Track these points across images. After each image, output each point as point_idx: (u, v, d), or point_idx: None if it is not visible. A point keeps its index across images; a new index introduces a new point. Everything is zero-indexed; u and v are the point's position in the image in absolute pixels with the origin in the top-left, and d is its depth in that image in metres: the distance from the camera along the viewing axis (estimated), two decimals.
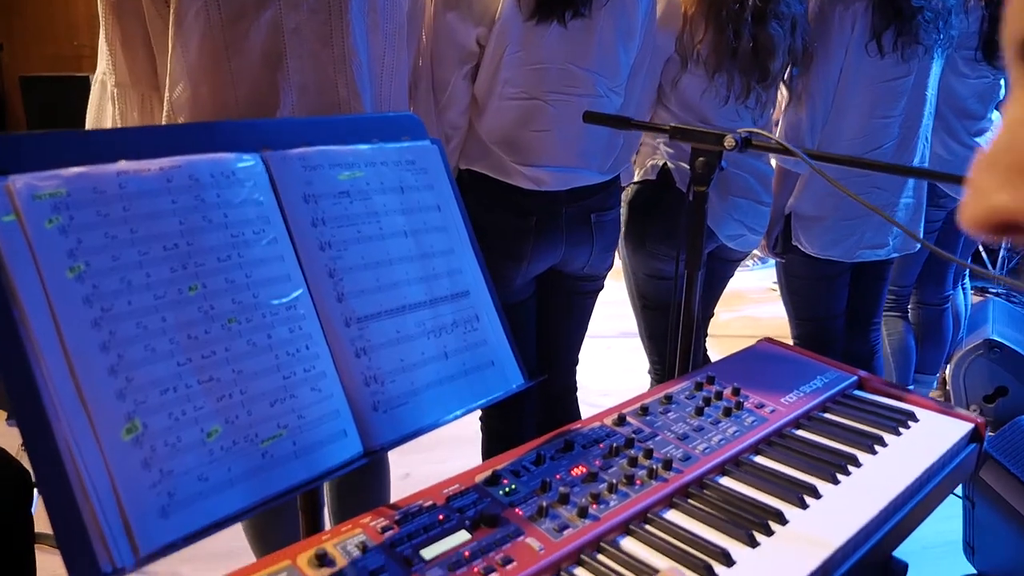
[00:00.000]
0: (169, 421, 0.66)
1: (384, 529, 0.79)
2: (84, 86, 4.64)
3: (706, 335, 2.09)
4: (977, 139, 2.26)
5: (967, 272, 2.92)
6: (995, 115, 2.34)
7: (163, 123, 1.11)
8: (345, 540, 0.77)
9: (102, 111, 1.16)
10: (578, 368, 1.85)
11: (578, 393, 1.87)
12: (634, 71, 1.55)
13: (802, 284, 2.15)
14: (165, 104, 1.10)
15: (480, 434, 1.79)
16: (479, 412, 1.84)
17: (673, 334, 1.29)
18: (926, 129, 2.02)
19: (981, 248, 4.75)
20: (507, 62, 1.39)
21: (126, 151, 0.71)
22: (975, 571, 2.00)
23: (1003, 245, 4.55)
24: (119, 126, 1.14)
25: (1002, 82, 2.26)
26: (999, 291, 4.38)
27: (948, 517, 2.25)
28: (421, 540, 0.77)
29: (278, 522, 1.36)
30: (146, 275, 0.68)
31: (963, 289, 2.91)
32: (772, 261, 5.58)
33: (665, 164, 1.70)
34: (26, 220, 0.63)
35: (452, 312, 0.93)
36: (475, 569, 0.73)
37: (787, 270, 2.16)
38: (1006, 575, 1.87)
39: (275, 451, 0.72)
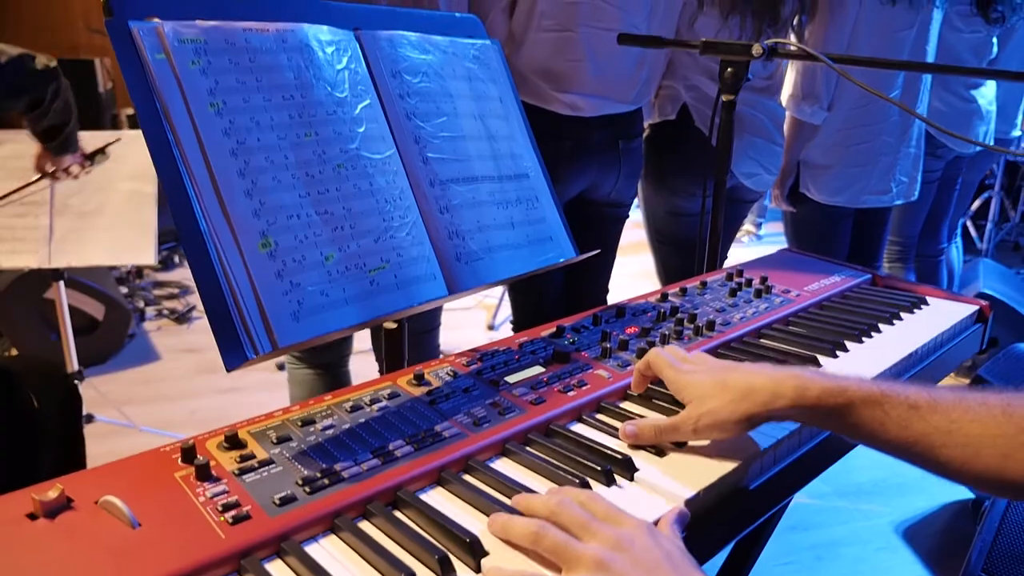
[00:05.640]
0: (295, 242, 0.76)
1: (468, 363, 0.89)
2: (88, 69, 4.69)
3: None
4: (972, 92, 2.38)
5: (959, 231, 3.04)
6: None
7: None
8: (436, 369, 0.86)
9: None
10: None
11: None
12: (653, 8, 1.65)
13: (808, 230, 2.26)
14: None
15: None
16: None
17: (701, 244, 1.40)
18: (926, 81, 2.13)
19: (969, 223, 4.92)
20: None
21: (245, 13, 0.81)
22: (972, 495, 2.12)
23: (990, 219, 4.71)
24: None
25: (994, 39, 2.38)
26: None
27: None
28: (502, 370, 0.86)
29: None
30: (270, 118, 0.78)
31: (956, 248, 3.03)
32: (767, 237, 5.69)
33: (685, 104, 1.80)
34: (175, 59, 0.72)
35: (515, 190, 1.03)
36: (555, 388, 0.83)
37: (795, 218, 2.27)
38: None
39: (380, 280, 0.81)
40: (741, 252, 5.22)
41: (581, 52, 1.53)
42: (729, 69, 1.24)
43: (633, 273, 4.16)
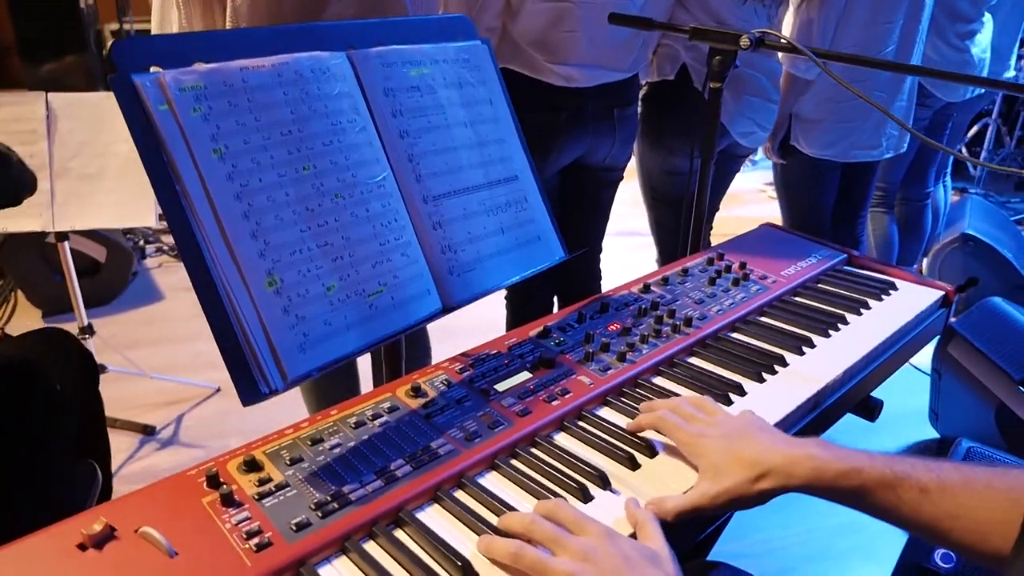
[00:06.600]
0: (299, 276, 0.81)
1: (461, 370, 0.96)
2: (72, 4, 4.52)
3: (711, 228, 2.25)
4: (966, 41, 2.35)
5: (948, 170, 3.07)
6: (987, 17, 2.43)
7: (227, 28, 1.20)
8: (431, 378, 0.94)
9: (165, 18, 1.24)
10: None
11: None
12: None
13: (797, 182, 2.30)
14: (228, 11, 1.19)
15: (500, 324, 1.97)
16: (504, 302, 2.01)
17: (686, 224, 1.45)
18: (922, 34, 2.11)
19: (964, 150, 4.91)
20: None
21: (241, 49, 0.83)
22: (938, 435, 2.26)
23: (985, 147, 4.70)
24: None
25: None
26: (977, 190, 4.56)
27: (915, 392, 2.50)
28: (492, 378, 0.94)
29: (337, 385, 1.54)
30: (270, 157, 0.82)
31: (944, 187, 3.07)
32: (762, 163, 5.67)
33: (684, 64, 1.80)
34: (177, 108, 0.76)
35: (505, 194, 1.08)
36: (540, 397, 0.91)
37: (784, 169, 2.30)
38: (964, 436, 2.12)
39: (379, 304, 0.88)
40: (739, 179, 5.21)
41: (577, 23, 1.53)
42: (717, 57, 1.25)
43: (627, 199, 4.18)
